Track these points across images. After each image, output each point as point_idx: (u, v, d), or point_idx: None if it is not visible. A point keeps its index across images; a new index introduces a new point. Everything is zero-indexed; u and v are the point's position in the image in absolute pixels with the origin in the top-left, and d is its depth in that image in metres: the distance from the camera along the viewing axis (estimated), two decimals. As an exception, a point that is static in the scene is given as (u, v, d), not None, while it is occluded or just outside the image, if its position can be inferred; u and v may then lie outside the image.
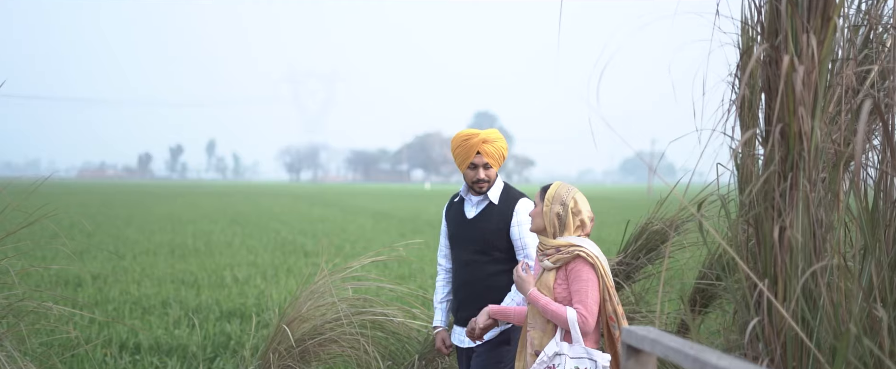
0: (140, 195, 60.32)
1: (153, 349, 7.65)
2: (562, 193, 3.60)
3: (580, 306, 3.36)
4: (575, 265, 3.43)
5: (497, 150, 4.19)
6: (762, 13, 2.65)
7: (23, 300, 4.88)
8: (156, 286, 11.33)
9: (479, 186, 4.18)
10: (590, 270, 3.41)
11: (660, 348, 2.41)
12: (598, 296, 3.42)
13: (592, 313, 3.38)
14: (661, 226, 5.19)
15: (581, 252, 3.42)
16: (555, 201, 3.58)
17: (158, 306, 9.76)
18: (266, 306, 9.64)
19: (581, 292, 3.39)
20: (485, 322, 3.86)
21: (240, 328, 8.46)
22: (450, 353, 4.47)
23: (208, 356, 7.46)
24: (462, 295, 4.27)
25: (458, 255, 4.31)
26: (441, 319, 4.46)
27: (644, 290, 5.31)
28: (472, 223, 4.23)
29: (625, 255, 5.24)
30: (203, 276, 12.37)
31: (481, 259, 4.17)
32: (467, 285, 4.23)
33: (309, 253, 16.45)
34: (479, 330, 3.88)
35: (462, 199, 4.35)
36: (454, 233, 4.34)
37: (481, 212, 4.22)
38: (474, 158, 4.15)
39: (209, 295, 10.53)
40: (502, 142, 4.23)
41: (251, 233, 21.70)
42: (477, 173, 4.16)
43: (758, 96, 5.44)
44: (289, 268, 13.70)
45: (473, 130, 4.20)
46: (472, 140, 4.15)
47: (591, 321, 3.37)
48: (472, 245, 4.20)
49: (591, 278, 3.40)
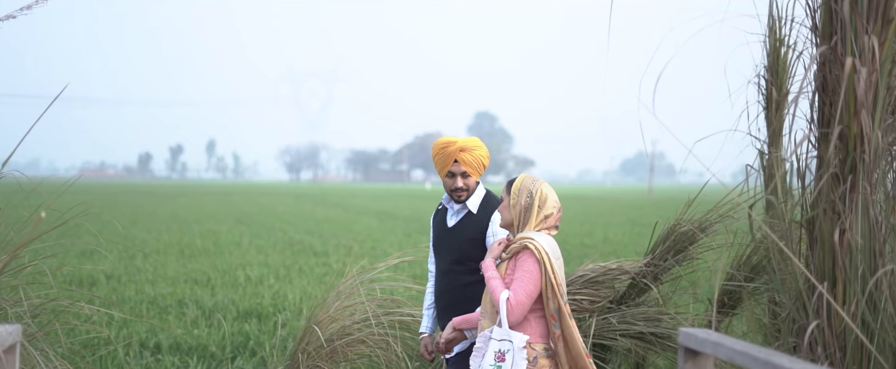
0: (142, 195, 60.31)
1: (173, 348, 7.67)
2: (527, 185, 3.62)
3: (512, 294, 3.38)
4: (521, 255, 3.45)
5: (475, 159, 4.09)
6: (816, 15, 2.66)
7: (54, 299, 4.90)
8: (170, 285, 11.34)
9: (457, 195, 4.11)
10: (534, 263, 3.41)
11: (723, 351, 2.41)
12: (534, 290, 3.41)
13: (520, 303, 3.37)
14: (690, 227, 5.19)
15: (529, 243, 3.43)
16: (521, 193, 3.60)
17: (175, 306, 9.78)
18: (282, 306, 9.66)
19: (517, 280, 3.41)
20: (448, 335, 3.86)
21: (258, 328, 8.47)
22: (432, 359, 4.43)
23: (227, 356, 7.47)
24: (441, 304, 4.25)
25: (439, 264, 4.27)
26: (426, 325, 4.42)
27: (671, 291, 5.32)
28: (452, 232, 4.18)
29: (652, 257, 5.24)
30: (216, 276, 12.38)
31: (457, 268, 4.11)
32: (445, 294, 4.20)
33: (318, 253, 16.46)
34: (444, 344, 3.88)
35: (445, 207, 4.31)
36: (435, 241, 4.32)
37: (460, 221, 4.16)
38: (452, 166, 4.08)
39: (224, 294, 10.54)
40: (482, 150, 4.14)
41: (258, 233, 21.72)
42: (455, 181, 4.08)
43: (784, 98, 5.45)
44: (300, 268, 13.72)
45: (452, 138, 4.13)
46: (449, 148, 4.08)
47: (517, 311, 3.37)
48: (450, 254, 4.16)
49: (532, 270, 3.40)
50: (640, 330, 5.01)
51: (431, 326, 4.43)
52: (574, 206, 45.69)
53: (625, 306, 5.18)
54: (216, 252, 16.44)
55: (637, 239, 20.81)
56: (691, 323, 5.17)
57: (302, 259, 15.11)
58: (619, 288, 5.25)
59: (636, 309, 5.14)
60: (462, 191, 4.09)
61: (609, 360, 5.20)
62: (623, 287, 5.26)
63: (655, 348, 5.06)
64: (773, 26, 5.24)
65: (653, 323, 5.05)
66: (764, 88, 5.29)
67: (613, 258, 15.06)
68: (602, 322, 5.05)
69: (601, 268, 5.24)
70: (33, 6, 3.05)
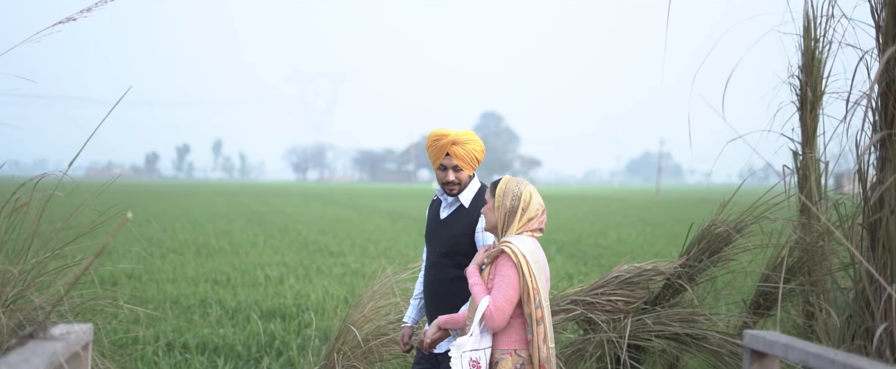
0: (150, 195, 60.38)
1: (200, 348, 7.70)
2: (512, 187, 3.59)
3: (491, 300, 3.37)
4: (500, 260, 3.44)
5: (468, 153, 4.03)
6: (880, 15, 2.66)
7: (92, 299, 4.92)
8: (191, 285, 11.38)
9: (449, 188, 4.06)
10: (511, 267, 3.39)
11: (795, 354, 2.40)
12: (514, 295, 3.39)
13: (499, 309, 3.35)
14: (725, 228, 5.19)
15: (506, 247, 3.42)
16: (506, 196, 3.57)
17: (198, 305, 9.82)
18: (305, 306, 9.69)
19: (496, 286, 3.40)
20: (433, 334, 3.84)
21: (282, 328, 8.50)
22: (408, 351, 4.33)
23: (253, 356, 7.50)
24: (427, 295, 4.21)
25: (429, 255, 4.23)
26: (410, 315, 4.39)
27: (706, 293, 5.32)
28: (443, 224, 4.14)
29: (687, 258, 5.25)
30: (236, 276, 12.42)
31: (445, 262, 4.06)
32: (431, 285, 4.16)
33: (334, 253, 16.49)
34: (428, 344, 3.86)
35: (440, 199, 4.27)
36: (428, 232, 4.28)
37: (451, 215, 4.12)
38: (444, 160, 4.03)
39: (246, 294, 10.58)
40: (476, 144, 4.08)
41: (271, 234, 21.76)
42: (446, 175, 4.04)
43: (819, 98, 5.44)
44: (318, 268, 13.75)
45: (445, 130, 4.08)
46: (441, 141, 4.03)
47: (497, 317, 3.35)
48: (440, 247, 4.11)
49: (510, 275, 3.38)
50: (676, 332, 5.01)
51: (415, 317, 4.40)
52: (584, 207, 45.65)
53: (659, 307, 5.18)
54: (232, 251, 16.48)
55: (651, 239, 20.81)
56: (726, 325, 5.17)
57: (319, 259, 15.14)
58: (653, 288, 5.26)
59: (671, 310, 5.14)
60: (454, 184, 4.04)
61: (643, 361, 5.20)
62: (657, 288, 5.26)
63: (691, 349, 5.07)
64: (809, 26, 5.25)
65: (688, 325, 5.05)
66: (798, 88, 5.30)
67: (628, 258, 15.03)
68: (637, 322, 5.05)
69: (636, 269, 5.25)
70: (94, 8, 3.07)
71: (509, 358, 3.44)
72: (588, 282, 11.24)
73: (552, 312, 5.13)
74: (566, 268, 14.05)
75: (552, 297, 5.25)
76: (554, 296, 5.25)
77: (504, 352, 3.46)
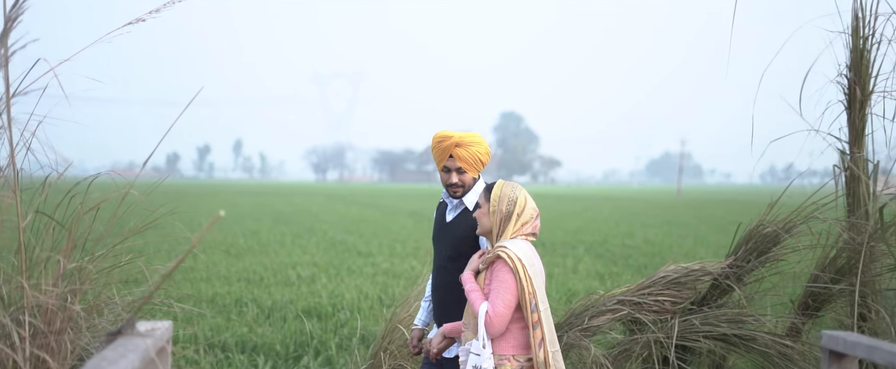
0: (173, 195, 60.67)
1: (239, 346, 7.75)
2: (507, 192, 3.57)
3: (489, 306, 3.34)
4: (496, 265, 3.41)
5: (472, 155, 3.98)
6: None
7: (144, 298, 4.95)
8: (225, 284, 11.46)
9: (452, 190, 4.03)
10: (508, 272, 3.36)
11: (880, 355, 2.38)
12: (512, 300, 3.36)
13: (498, 315, 3.33)
14: (773, 228, 5.16)
15: (502, 252, 3.39)
16: (501, 201, 3.55)
17: (233, 304, 9.88)
18: (340, 305, 9.73)
19: (494, 292, 3.37)
20: (438, 344, 3.83)
21: (319, 327, 8.53)
22: (417, 353, 4.30)
23: (292, 355, 7.54)
24: (434, 300, 4.18)
25: (435, 259, 4.20)
26: (421, 318, 4.37)
27: (754, 293, 5.30)
28: (448, 227, 4.10)
29: (735, 258, 5.23)
30: (268, 276, 12.49)
31: (450, 265, 4.01)
32: (438, 290, 4.13)
33: (362, 252, 16.55)
34: (434, 352, 3.84)
35: (445, 202, 4.24)
36: (434, 235, 4.25)
37: (456, 217, 4.07)
38: (447, 162, 3.99)
39: (281, 293, 10.63)
40: (480, 146, 4.02)
41: (298, 233, 21.86)
42: (450, 177, 4.00)
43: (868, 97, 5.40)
44: (348, 267, 13.80)
45: (449, 132, 4.02)
46: (445, 142, 3.98)
47: (496, 322, 3.33)
48: (445, 250, 4.07)
49: (507, 279, 3.35)
50: (724, 332, 4.99)
51: (425, 319, 4.37)
52: (606, 207, 45.53)
53: (706, 307, 5.17)
54: (261, 251, 16.57)
55: (678, 240, 20.72)
56: (774, 326, 5.15)
57: (348, 259, 15.20)
58: (700, 289, 5.24)
59: (718, 310, 5.12)
60: (457, 187, 4.01)
61: (689, 361, 5.18)
62: (704, 288, 5.24)
63: (739, 350, 5.05)
64: (858, 25, 5.22)
65: (736, 325, 5.03)
66: (845, 87, 5.27)
67: (658, 258, 14.95)
68: (684, 323, 5.04)
69: (683, 269, 5.23)
70: (162, 9, 3.11)
71: (508, 363, 3.42)
72: (621, 282, 11.23)
73: (599, 312, 5.13)
74: (596, 268, 14.03)
75: (599, 297, 5.24)
76: (601, 297, 5.25)
77: (502, 358, 3.43)
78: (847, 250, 5.00)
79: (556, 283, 11.87)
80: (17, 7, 2.08)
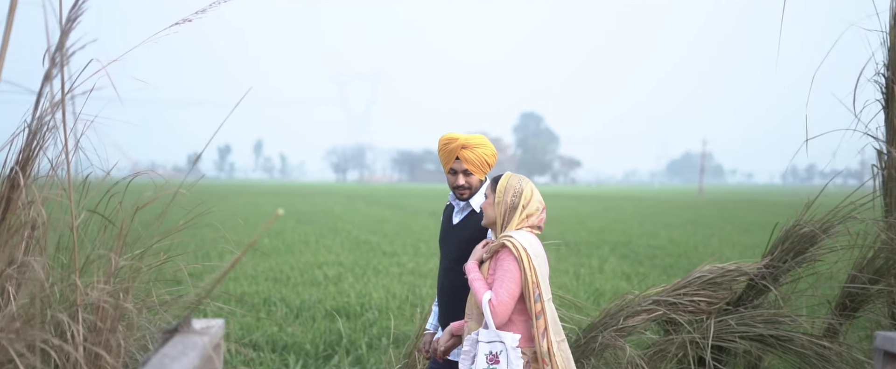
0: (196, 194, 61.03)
1: (269, 345, 7.79)
2: (513, 183, 3.57)
3: (493, 295, 3.34)
4: (501, 254, 3.42)
5: (478, 157, 3.98)
6: None
7: (181, 296, 5.00)
8: (253, 283, 11.53)
9: (459, 192, 4.02)
10: (512, 261, 3.37)
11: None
12: (516, 289, 3.36)
13: (502, 303, 3.33)
14: (811, 228, 5.13)
15: (507, 241, 3.39)
16: (507, 192, 3.56)
17: (262, 304, 9.94)
18: (368, 305, 9.76)
19: (498, 281, 3.37)
20: (446, 342, 3.81)
21: (348, 326, 8.57)
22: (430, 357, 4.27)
23: (322, 354, 7.57)
24: (441, 302, 4.16)
25: (441, 261, 4.20)
26: (432, 322, 4.35)
27: (790, 293, 5.27)
28: (455, 229, 4.10)
29: (771, 258, 5.20)
30: (295, 275, 12.55)
31: (457, 268, 3.97)
32: (444, 293, 4.11)
33: (387, 252, 16.59)
34: (442, 351, 3.83)
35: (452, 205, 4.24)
36: (441, 238, 4.24)
37: (463, 220, 4.06)
38: (454, 164, 3.99)
39: (308, 293, 10.68)
40: (486, 148, 4.02)
41: (322, 233, 21.94)
42: (456, 179, 4.00)
43: None
44: (375, 267, 13.84)
45: (455, 134, 4.03)
46: (451, 144, 3.98)
47: (500, 311, 3.32)
48: (452, 252, 4.07)
49: (511, 269, 3.36)
50: (760, 333, 4.97)
51: (436, 322, 4.35)
52: (628, 207, 45.37)
53: (742, 308, 5.14)
54: (286, 251, 16.65)
55: (703, 240, 20.61)
56: (811, 326, 5.12)
57: (374, 259, 15.24)
58: (736, 289, 5.22)
59: (754, 311, 5.09)
60: (464, 189, 4.00)
61: (725, 362, 5.16)
62: (740, 288, 5.22)
63: (776, 351, 5.02)
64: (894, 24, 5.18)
65: (772, 326, 5.00)
66: (883, 86, 5.23)
67: (683, 259, 14.87)
68: (719, 323, 5.02)
69: (719, 269, 5.21)
70: (208, 9, 3.13)
71: (518, 349, 3.40)
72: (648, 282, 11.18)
73: (634, 312, 5.12)
74: (622, 269, 13.99)
75: (634, 297, 5.23)
76: (636, 297, 5.24)
77: None
78: (885, 251, 4.97)
79: (583, 284, 11.85)
80: (76, 7, 2.11)
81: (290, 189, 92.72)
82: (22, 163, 2.73)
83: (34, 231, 2.90)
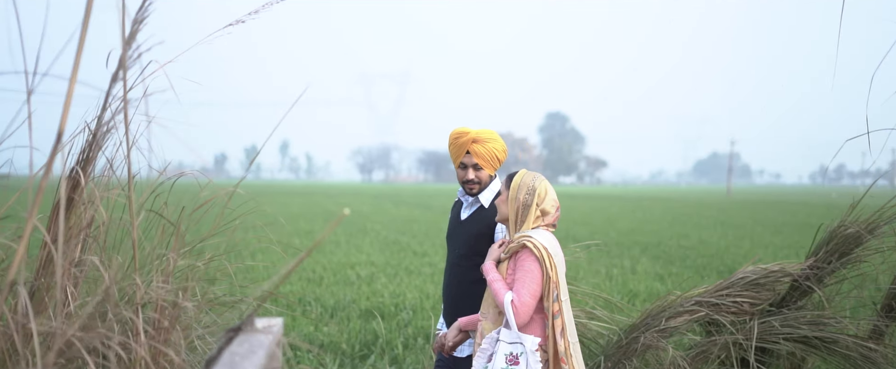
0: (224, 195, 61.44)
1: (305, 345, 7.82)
2: (528, 181, 3.54)
3: (515, 295, 3.31)
4: (521, 254, 3.38)
5: (488, 152, 3.96)
6: None
7: (223, 295, 5.04)
8: (286, 283, 11.59)
9: (469, 187, 4.01)
10: (534, 261, 3.33)
11: None
12: (537, 289, 3.33)
13: (524, 304, 3.29)
14: (856, 229, 5.08)
15: (528, 241, 3.36)
16: (521, 189, 3.53)
17: (297, 303, 9.99)
18: (403, 305, 9.79)
19: (519, 281, 3.33)
20: (454, 337, 3.76)
21: (384, 326, 8.59)
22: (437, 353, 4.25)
23: (357, 354, 7.60)
24: (446, 298, 4.14)
25: (448, 257, 4.16)
26: (442, 321, 4.33)
27: (834, 294, 5.22)
28: (463, 225, 4.06)
29: (815, 259, 5.15)
30: (328, 275, 12.61)
31: (465, 263, 3.97)
32: (450, 289, 4.08)
33: (417, 252, 16.61)
34: (449, 347, 3.78)
35: (461, 200, 4.21)
36: (448, 233, 4.21)
37: (471, 215, 4.03)
38: (464, 158, 3.97)
39: (342, 293, 10.73)
40: (496, 143, 4.00)
41: (352, 233, 22.00)
42: (466, 173, 3.98)
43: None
44: (407, 267, 13.87)
45: (466, 128, 4.01)
46: (462, 138, 3.96)
47: (523, 311, 3.29)
48: (459, 248, 4.04)
49: (533, 269, 3.33)
50: (805, 334, 4.92)
51: (443, 321, 4.33)
52: (656, 208, 45.11)
53: (786, 309, 5.10)
54: (317, 250, 16.72)
55: (735, 241, 20.44)
56: (857, 328, 5.07)
57: (405, 259, 15.27)
58: (779, 290, 5.18)
59: (798, 312, 5.05)
60: (474, 183, 3.99)
61: (768, 363, 5.13)
62: (783, 289, 5.18)
63: (821, 352, 4.97)
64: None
65: (817, 327, 4.95)
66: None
67: (716, 259, 14.76)
68: (762, 325, 4.98)
69: (762, 270, 5.18)
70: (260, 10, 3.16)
71: (538, 353, 3.38)
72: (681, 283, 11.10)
73: (676, 313, 5.10)
74: (655, 269, 13.92)
75: (676, 298, 5.21)
76: (678, 297, 5.22)
77: None
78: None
79: (616, 284, 11.80)
80: (143, 9, 2.14)
81: (317, 189, 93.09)
82: (83, 163, 2.77)
83: (90, 229, 2.95)
